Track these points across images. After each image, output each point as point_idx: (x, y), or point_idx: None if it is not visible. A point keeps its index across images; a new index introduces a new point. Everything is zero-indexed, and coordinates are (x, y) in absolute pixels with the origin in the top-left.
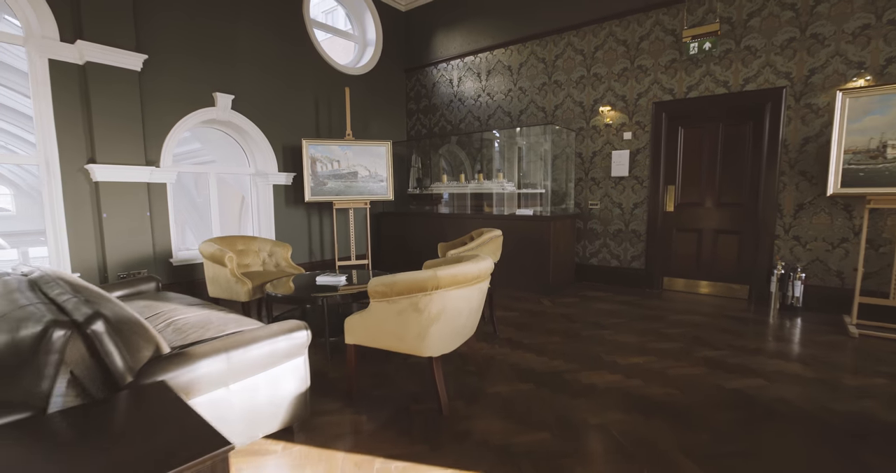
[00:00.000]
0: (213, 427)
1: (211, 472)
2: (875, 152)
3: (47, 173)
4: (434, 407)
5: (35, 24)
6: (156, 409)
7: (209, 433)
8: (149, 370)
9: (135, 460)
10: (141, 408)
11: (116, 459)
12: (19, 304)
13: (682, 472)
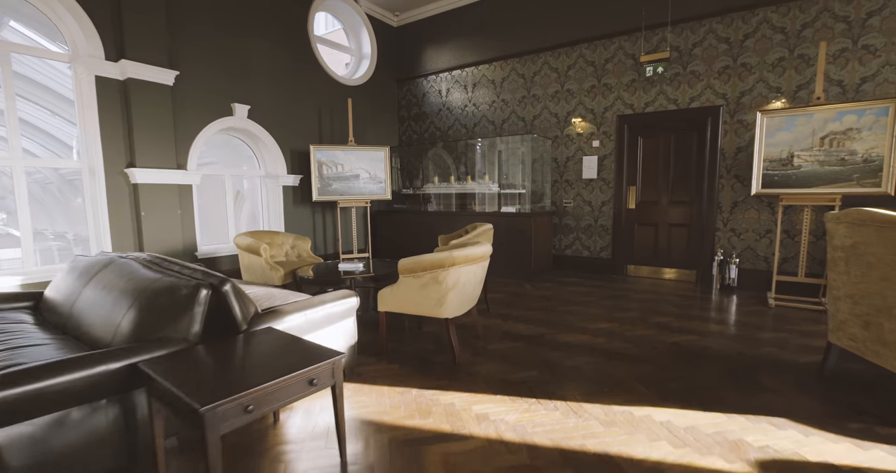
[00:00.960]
0: (326, 347)
1: (332, 370)
2: (785, 161)
3: (92, 177)
4: (448, 358)
5: (83, 44)
6: (276, 341)
7: (324, 350)
8: (255, 321)
9: (287, 365)
10: (264, 342)
11: (273, 365)
12: (156, 277)
13: (633, 390)
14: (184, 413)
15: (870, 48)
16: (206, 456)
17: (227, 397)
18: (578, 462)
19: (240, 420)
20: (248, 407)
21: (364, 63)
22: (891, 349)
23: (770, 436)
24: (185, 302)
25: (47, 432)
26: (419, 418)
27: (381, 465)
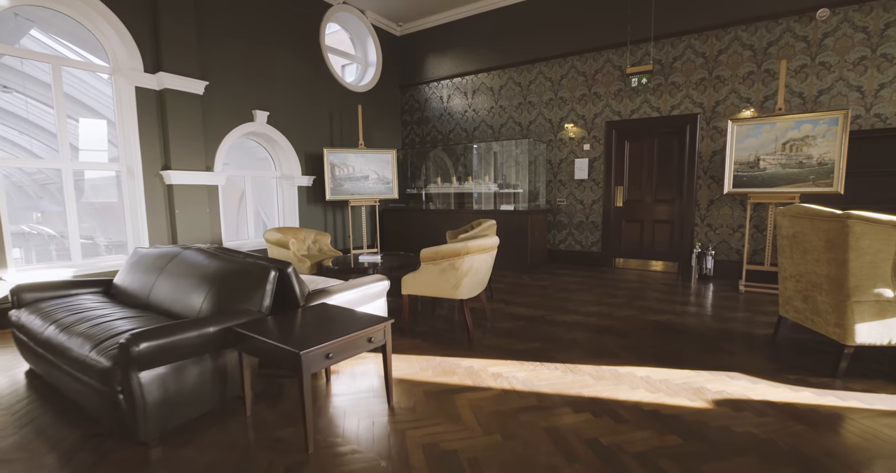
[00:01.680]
0: (375, 314)
1: (383, 331)
2: (752, 164)
3: (131, 178)
4: (462, 335)
5: (124, 58)
6: (333, 312)
7: (376, 317)
8: (310, 298)
9: (350, 327)
10: (323, 312)
11: (339, 327)
12: (228, 262)
13: (618, 355)
14: (282, 359)
15: (825, 65)
16: (301, 388)
17: (316, 345)
18: (576, 403)
19: (322, 364)
20: (329, 355)
21: (370, 70)
22: (822, 317)
23: (725, 384)
24: (258, 282)
25: (170, 376)
26: (445, 377)
27: (420, 407)
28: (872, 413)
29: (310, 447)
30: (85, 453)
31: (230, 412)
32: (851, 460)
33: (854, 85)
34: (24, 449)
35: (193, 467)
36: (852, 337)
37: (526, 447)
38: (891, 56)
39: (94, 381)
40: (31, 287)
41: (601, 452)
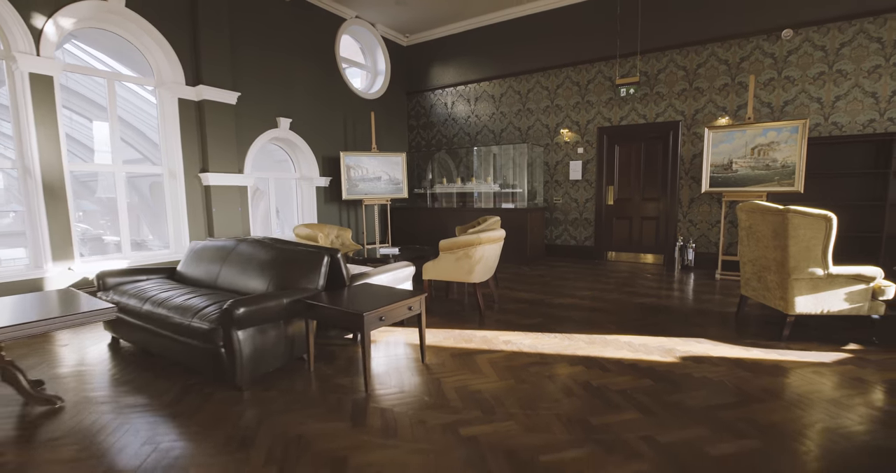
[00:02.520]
0: (410, 290)
1: (420, 302)
2: (726, 166)
3: (173, 179)
4: (475, 313)
5: (168, 72)
6: (376, 289)
7: (411, 291)
8: (354, 279)
9: (389, 298)
10: (368, 289)
11: (384, 299)
12: (285, 250)
13: (606, 327)
14: (346, 322)
15: (790, 78)
16: (364, 342)
17: (374, 309)
18: (571, 360)
19: (376, 325)
20: (382, 318)
21: (379, 79)
22: (771, 292)
23: (692, 347)
24: (315, 265)
25: (257, 336)
26: (464, 343)
27: (448, 364)
28: (803, 364)
29: (368, 388)
30: (192, 395)
31: (295, 368)
32: (780, 393)
33: (814, 97)
34: (143, 393)
35: (279, 404)
36: (793, 307)
37: (534, 388)
38: (845, 72)
39: (197, 341)
40: (112, 272)
41: (591, 390)
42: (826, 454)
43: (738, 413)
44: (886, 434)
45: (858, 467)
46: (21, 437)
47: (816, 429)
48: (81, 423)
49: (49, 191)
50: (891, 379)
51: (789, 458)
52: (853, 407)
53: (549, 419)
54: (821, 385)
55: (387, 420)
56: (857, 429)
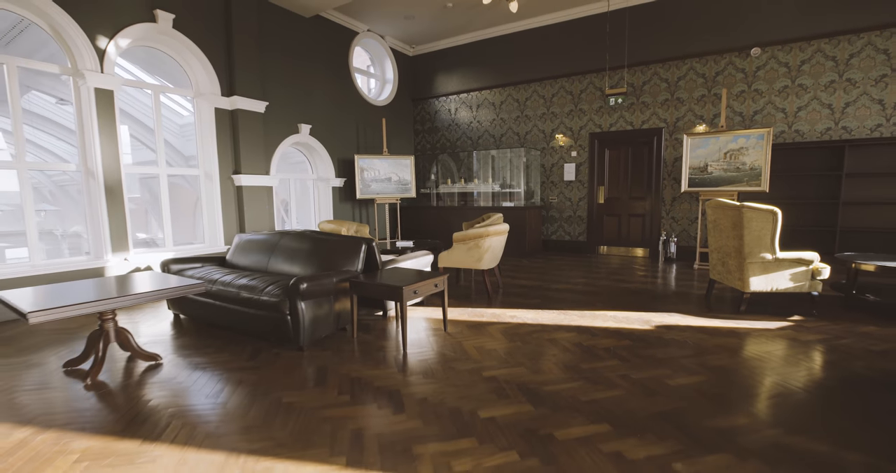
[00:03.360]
0: (432, 271)
1: (443, 280)
2: (702, 168)
3: (209, 181)
4: (483, 296)
5: (206, 84)
6: (404, 272)
7: (436, 272)
8: (384, 265)
9: (419, 277)
10: (398, 272)
11: (414, 278)
12: (326, 240)
13: (596, 306)
14: (387, 294)
15: (758, 91)
16: (403, 310)
17: (409, 284)
18: (566, 328)
19: (411, 297)
20: (415, 291)
21: (388, 86)
22: (732, 274)
23: (665, 318)
24: (354, 251)
25: (314, 308)
26: (477, 317)
27: (465, 331)
28: (752, 329)
29: (405, 347)
30: (263, 354)
31: (340, 336)
32: (729, 348)
33: (779, 107)
34: (224, 353)
35: (335, 359)
36: (748, 286)
37: (536, 347)
38: (806, 86)
39: (265, 311)
40: (173, 260)
41: (582, 348)
42: (755, 382)
43: (693, 360)
44: (804, 369)
45: (776, 388)
46: (138, 382)
47: (750, 368)
48: (182, 372)
49: (109, 190)
50: (819, 340)
51: (727, 384)
52: (783, 357)
53: (549, 366)
54: (763, 343)
55: (424, 367)
56: (782, 369)
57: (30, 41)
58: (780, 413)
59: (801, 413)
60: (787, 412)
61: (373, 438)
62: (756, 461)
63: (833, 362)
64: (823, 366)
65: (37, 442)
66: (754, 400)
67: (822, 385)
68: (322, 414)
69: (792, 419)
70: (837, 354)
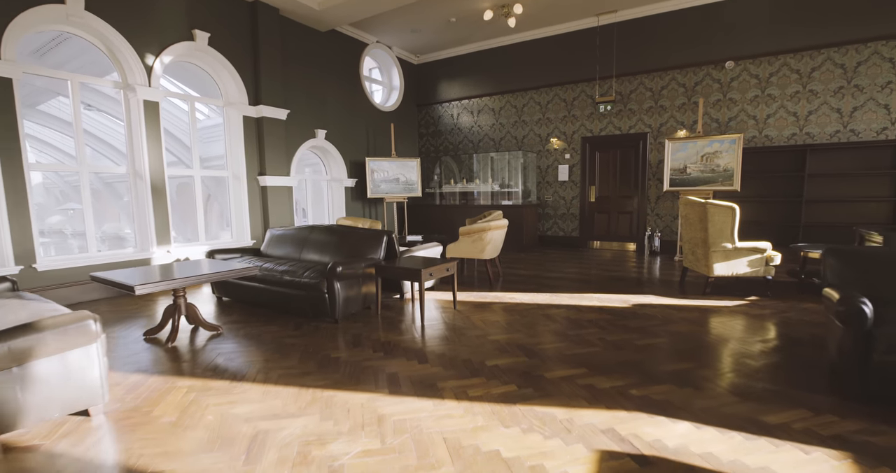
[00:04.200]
0: (444, 258)
1: (454, 265)
2: (682, 170)
3: (237, 181)
4: (485, 283)
5: (235, 94)
6: (419, 259)
7: (446, 259)
8: (402, 254)
9: (433, 263)
10: (414, 260)
11: (429, 264)
12: (350, 232)
13: (585, 290)
14: (407, 276)
15: (733, 100)
16: (421, 289)
17: (426, 267)
18: (557, 306)
19: (427, 279)
20: (430, 274)
21: (394, 93)
22: (700, 262)
23: (642, 299)
24: (377, 241)
25: (346, 288)
26: (481, 299)
27: (471, 309)
28: (713, 307)
29: (423, 321)
30: (305, 326)
31: (366, 313)
32: (691, 320)
33: (751, 114)
34: (271, 325)
35: (365, 329)
36: (712, 271)
37: (532, 320)
38: (774, 96)
39: (305, 291)
40: (217, 251)
41: (570, 320)
42: (704, 342)
43: (659, 328)
44: (746, 333)
45: (719, 345)
46: (208, 346)
47: (703, 333)
48: (241, 339)
49: (154, 190)
50: (767, 314)
51: (682, 344)
52: (731, 325)
53: (542, 333)
54: (718, 316)
55: (439, 334)
56: (728, 333)
57: (62, 54)
58: (716, 360)
59: (734, 360)
60: (723, 359)
61: (405, 378)
62: (690, 388)
63: (771, 327)
64: (762, 330)
65: (150, 382)
66: (699, 353)
67: (756, 342)
68: (363, 364)
69: (724, 364)
70: (778, 323)
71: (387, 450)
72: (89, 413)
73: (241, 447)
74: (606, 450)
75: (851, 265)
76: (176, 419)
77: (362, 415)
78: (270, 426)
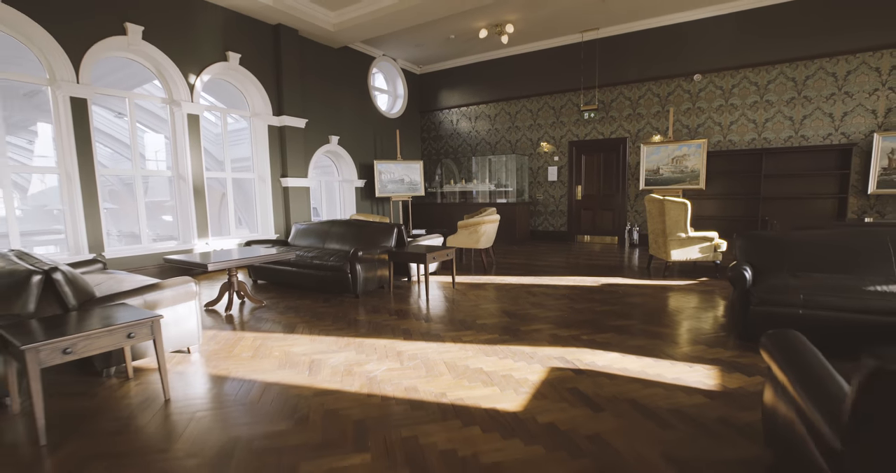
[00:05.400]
0: (448, 248)
1: (455, 253)
2: (655, 171)
3: (262, 183)
4: (481, 269)
5: (261, 106)
6: (424, 247)
7: (448, 248)
8: (410, 243)
9: (436, 250)
10: (420, 247)
11: (434, 250)
12: (366, 225)
13: (564, 274)
14: (414, 259)
15: (701, 108)
16: (426, 270)
17: (430, 253)
18: (539, 285)
19: (431, 261)
20: (434, 257)
21: (398, 101)
22: (661, 249)
23: (611, 280)
24: (388, 233)
25: (365, 270)
26: (476, 281)
27: (467, 289)
28: (668, 285)
29: (427, 295)
30: (332, 300)
31: (380, 292)
32: (647, 294)
33: (717, 121)
34: (305, 300)
35: (381, 302)
36: (670, 257)
37: (517, 295)
38: (737, 105)
39: (331, 272)
40: (254, 242)
41: (547, 294)
42: (651, 308)
43: (617, 300)
44: (687, 301)
45: (659, 310)
46: (255, 315)
47: (653, 302)
48: (283, 309)
49: (196, 191)
50: (709, 290)
51: (633, 309)
52: (677, 297)
53: (523, 304)
54: (669, 292)
55: (441, 304)
56: (672, 302)
57: (98, 70)
58: (653, 319)
59: (668, 318)
60: (658, 318)
61: (415, 331)
62: (626, 335)
63: (707, 299)
64: (700, 301)
65: (223, 335)
66: (641, 315)
67: (690, 308)
68: (382, 324)
69: (658, 321)
70: (714, 296)
71: (405, 368)
72: (189, 350)
73: (304, 367)
74: (555, 367)
75: (751, 245)
76: (252, 354)
77: (385, 351)
78: (321, 357)
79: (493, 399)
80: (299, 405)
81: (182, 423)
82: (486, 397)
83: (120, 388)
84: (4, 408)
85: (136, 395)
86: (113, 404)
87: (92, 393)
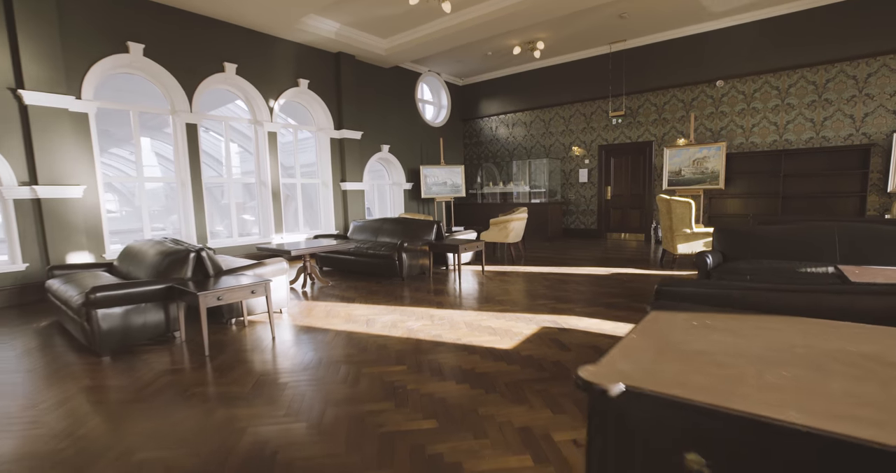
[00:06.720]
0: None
1: (483, 245)
2: (677, 172)
3: (325, 187)
4: (510, 260)
5: (324, 122)
6: (459, 239)
7: (477, 241)
8: (447, 237)
9: (468, 242)
10: (455, 240)
11: (466, 242)
12: (410, 222)
13: (585, 266)
14: (450, 249)
15: (724, 112)
16: (458, 260)
17: (462, 244)
18: (557, 274)
19: (464, 251)
20: (465, 248)
21: (442, 111)
22: (670, 243)
23: (622, 270)
24: (429, 228)
25: (409, 258)
26: (503, 270)
27: (495, 276)
28: (672, 274)
29: (460, 280)
30: (383, 282)
31: (421, 277)
32: (646, 281)
33: (739, 124)
34: (362, 281)
35: (423, 284)
36: (677, 250)
37: (534, 280)
38: (759, 108)
39: (382, 260)
40: (320, 236)
41: (561, 280)
42: (644, 291)
43: (619, 285)
44: None
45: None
46: (324, 292)
47: (649, 286)
48: (347, 287)
49: (274, 195)
50: None
51: (627, 291)
52: None
53: (537, 287)
54: None
55: (471, 286)
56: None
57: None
58: (642, 297)
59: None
60: (644, 297)
61: (446, 304)
62: (613, 309)
63: None
64: None
65: (302, 304)
66: (634, 295)
67: None
68: (422, 299)
69: (644, 298)
70: None
71: (434, 325)
72: (281, 311)
73: (362, 323)
74: (546, 326)
75: (724, 237)
76: (325, 314)
77: (421, 315)
78: (375, 317)
79: (494, 343)
80: (361, 342)
81: (284, 350)
82: (489, 341)
83: (241, 331)
84: (174, 339)
85: (253, 335)
86: (241, 339)
87: (223, 332)
